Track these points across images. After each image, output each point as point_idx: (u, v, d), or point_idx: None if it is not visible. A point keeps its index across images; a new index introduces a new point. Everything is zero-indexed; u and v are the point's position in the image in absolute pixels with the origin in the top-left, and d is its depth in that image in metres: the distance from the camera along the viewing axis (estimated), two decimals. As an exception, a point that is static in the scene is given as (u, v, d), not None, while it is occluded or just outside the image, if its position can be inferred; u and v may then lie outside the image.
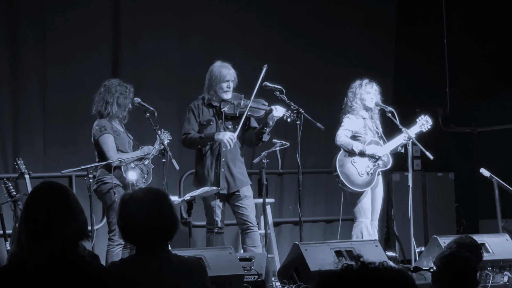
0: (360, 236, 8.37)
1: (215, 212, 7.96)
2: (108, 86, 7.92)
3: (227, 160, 7.96)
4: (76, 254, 3.34)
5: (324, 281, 2.37)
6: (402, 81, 11.34)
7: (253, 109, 7.99)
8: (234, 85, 8.04)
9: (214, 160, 7.97)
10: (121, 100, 7.89)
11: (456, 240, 5.83)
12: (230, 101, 8.01)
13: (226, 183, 7.97)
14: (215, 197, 7.96)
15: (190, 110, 8.08)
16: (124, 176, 7.76)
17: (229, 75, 7.99)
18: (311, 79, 10.48)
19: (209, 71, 8.07)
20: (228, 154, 7.96)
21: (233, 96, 8.04)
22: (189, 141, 8.01)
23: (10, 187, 8.22)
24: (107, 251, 7.78)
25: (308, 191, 10.55)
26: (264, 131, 7.92)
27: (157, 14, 10.10)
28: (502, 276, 7.65)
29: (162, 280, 3.85)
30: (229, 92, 8.01)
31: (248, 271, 6.95)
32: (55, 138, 9.55)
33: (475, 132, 11.91)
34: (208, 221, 8.06)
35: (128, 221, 3.89)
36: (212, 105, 8.05)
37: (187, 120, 8.07)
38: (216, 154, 7.95)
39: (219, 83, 7.98)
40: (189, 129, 8.01)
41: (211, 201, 7.98)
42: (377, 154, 8.46)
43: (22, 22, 9.43)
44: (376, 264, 2.36)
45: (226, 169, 7.95)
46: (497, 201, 9.23)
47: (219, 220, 7.98)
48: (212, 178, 7.96)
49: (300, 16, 10.86)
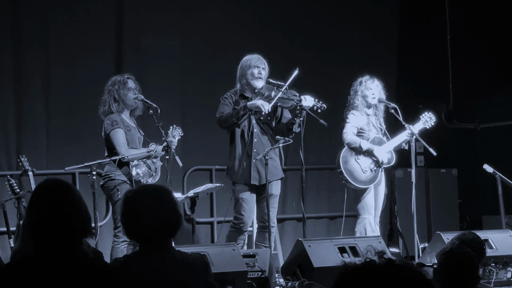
0: (363, 232, 8.38)
1: (242, 206, 7.86)
2: (107, 86, 7.94)
3: (259, 152, 7.86)
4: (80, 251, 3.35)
5: (347, 273, 2.31)
6: (405, 77, 11.34)
7: (283, 99, 7.95)
8: (266, 74, 8.00)
9: (245, 152, 7.89)
10: (118, 93, 7.86)
11: (459, 236, 5.83)
12: (262, 93, 7.97)
13: (258, 174, 7.89)
14: (244, 189, 7.87)
15: (224, 98, 8.01)
16: (131, 172, 7.75)
17: (260, 61, 7.97)
18: (314, 77, 10.47)
19: (240, 62, 8.05)
20: (260, 146, 7.90)
21: (265, 87, 8.01)
22: (224, 117, 7.87)
23: (13, 184, 8.23)
24: (112, 248, 7.76)
25: (311, 187, 10.55)
26: (294, 122, 7.87)
27: (160, 13, 10.11)
28: (506, 272, 7.66)
29: (166, 276, 3.86)
30: (261, 80, 7.96)
31: (252, 268, 6.96)
32: (59, 136, 9.56)
33: (478, 128, 11.90)
34: (235, 216, 7.93)
35: (131, 218, 3.90)
36: (245, 96, 8.01)
37: (222, 104, 7.97)
38: (247, 146, 7.87)
39: (250, 69, 7.93)
40: (224, 110, 7.92)
41: (240, 194, 7.89)
42: (382, 159, 8.44)
43: (25, 21, 9.44)
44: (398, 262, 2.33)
45: (258, 160, 7.86)
46: (500, 197, 9.23)
47: (245, 216, 7.86)
48: (244, 169, 7.86)
49: (303, 15, 10.86)
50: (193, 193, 7.84)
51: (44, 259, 3.29)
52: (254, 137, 7.87)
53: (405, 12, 11.44)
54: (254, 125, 7.90)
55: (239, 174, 7.87)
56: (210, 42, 10.30)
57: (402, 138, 8.57)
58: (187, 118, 9.78)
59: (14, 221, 8.31)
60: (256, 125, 7.92)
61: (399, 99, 9.92)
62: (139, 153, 7.84)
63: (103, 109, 7.92)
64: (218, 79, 9.52)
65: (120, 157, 7.68)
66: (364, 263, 2.30)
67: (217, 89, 8.45)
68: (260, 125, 7.96)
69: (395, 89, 10.82)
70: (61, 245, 3.31)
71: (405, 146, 8.63)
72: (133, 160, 7.77)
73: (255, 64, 7.95)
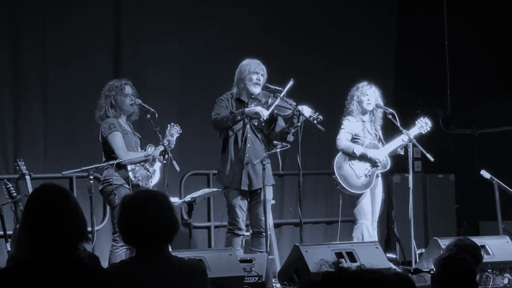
0: (360, 237, 8.38)
1: (236, 212, 7.89)
2: (104, 91, 7.92)
3: (251, 157, 7.89)
4: (76, 256, 3.35)
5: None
6: (403, 82, 11.35)
7: (280, 107, 7.95)
8: (264, 80, 7.99)
9: (238, 157, 7.90)
10: (115, 99, 7.85)
11: (455, 242, 5.83)
12: (258, 98, 7.98)
13: (248, 179, 7.90)
14: (237, 195, 7.90)
15: (220, 100, 8.01)
16: (129, 176, 7.74)
17: (259, 67, 7.96)
18: (312, 81, 10.49)
19: (239, 66, 8.03)
20: (252, 151, 7.91)
21: (262, 94, 8.00)
22: (219, 119, 7.88)
23: (10, 188, 8.22)
24: (111, 252, 7.74)
25: (308, 192, 10.55)
26: (289, 131, 7.86)
27: (158, 17, 10.11)
28: (503, 278, 7.65)
29: (162, 282, 3.85)
30: (258, 86, 7.96)
31: (249, 273, 6.95)
32: (56, 139, 9.56)
33: (476, 133, 11.90)
34: (229, 222, 7.95)
35: (128, 223, 3.90)
36: (241, 100, 8.01)
37: (218, 105, 7.97)
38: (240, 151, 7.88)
39: (249, 75, 7.93)
40: (220, 111, 7.93)
41: (232, 201, 7.91)
42: (377, 158, 8.45)
43: (23, 24, 9.45)
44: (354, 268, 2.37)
45: (250, 166, 7.88)
46: (497, 203, 9.23)
47: (240, 221, 7.90)
48: (236, 174, 7.87)
49: (301, 19, 10.87)
50: (190, 198, 7.84)
51: (39, 264, 3.29)
52: (247, 143, 7.88)
53: (403, 17, 11.46)
54: (248, 131, 7.90)
55: (231, 179, 7.88)
56: (208, 45, 10.30)
57: (398, 143, 8.56)
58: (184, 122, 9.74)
59: (11, 225, 8.31)
60: (250, 131, 7.92)
61: (396, 104, 9.92)
62: (137, 156, 7.83)
63: (99, 113, 7.91)
64: (216, 83, 9.51)
65: (118, 161, 7.66)
66: (324, 277, 2.33)
67: (215, 93, 8.44)
68: (254, 131, 7.95)
69: (392, 94, 10.83)
70: (56, 250, 3.30)
71: (400, 151, 8.63)
72: (131, 164, 7.76)
73: (255, 70, 7.94)
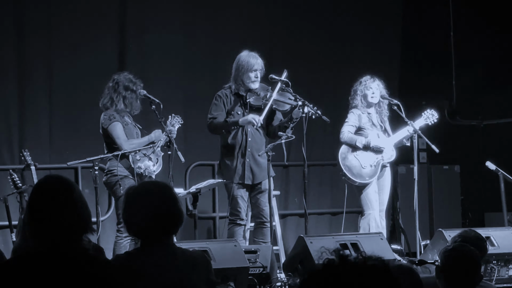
0: (367, 228, 8.37)
1: (238, 203, 7.91)
2: (116, 82, 7.87)
3: (253, 151, 7.90)
4: (80, 248, 3.35)
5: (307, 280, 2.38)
6: (409, 73, 11.31)
7: (278, 102, 7.94)
8: (262, 74, 7.98)
9: (239, 151, 7.91)
10: (127, 100, 7.85)
11: (460, 234, 5.83)
12: (257, 92, 7.95)
13: (251, 173, 7.91)
14: (239, 187, 7.91)
15: (217, 97, 8.01)
16: (132, 166, 7.74)
17: (257, 64, 7.92)
18: (316, 72, 10.47)
19: (236, 60, 8.00)
20: (253, 144, 7.92)
21: (260, 87, 7.98)
22: (214, 125, 7.92)
23: (16, 178, 8.23)
24: (115, 243, 7.75)
25: (313, 183, 10.54)
26: (287, 126, 7.86)
27: (163, 6, 10.10)
28: (507, 270, 7.65)
29: (166, 273, 3.85)
30: (257, 82, 7.95)
31: (253, 264, 6.96)
32: (61, 130, 9.56)
33: (481, 125, 11.87)
34: (231, 212, 7.97)
35: (133, 214, 3.90)
36: (239, 94, 8.00)
37: (214, 106, 7.98)
38: (241, 145, 7.89)
39: (247, 73, 7.91)
40: (216, 114, 7.94)
41: (234, 192, 7.92)
42: (381, 147, 8.46)
43: (28, 13, 9.44)
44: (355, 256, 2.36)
45: (252, 159, 7.90)
46: (502, 194, 9.22)
47: (241, 211, 7.92)
48: (238, 168, 7.88)
49: (306, 10, 10.84)
50: (195, 189, 7.83)
51: (43, 255, 3.29)
52: (248, 137, 7.88)
53: (409, 7, 11.42)
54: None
55: (233, 173, 7.89)
56: (213, 36, 10.28)
57: (403, 134, 8.56)
58: (189, 113, 9.75)
59: (16, 215, 8.32)
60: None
61: (402, 95, 9.90)
62: (140, 142, 7.82)
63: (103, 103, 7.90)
64: (221, 74, 9.47)
65: (122, 152, 7.66)
66: (325, 265, 2.32)
67: (220, 83, 8.43)
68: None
69: (398, 85, 10.81)
70: (60, 242, 3.30)
71: (406, 142, 8.62)
72: (135, 152, 7.74)
73: (252, 68, 7.92)
